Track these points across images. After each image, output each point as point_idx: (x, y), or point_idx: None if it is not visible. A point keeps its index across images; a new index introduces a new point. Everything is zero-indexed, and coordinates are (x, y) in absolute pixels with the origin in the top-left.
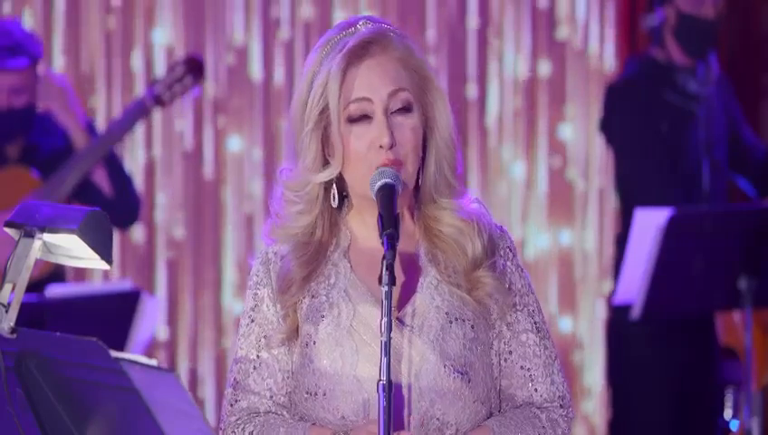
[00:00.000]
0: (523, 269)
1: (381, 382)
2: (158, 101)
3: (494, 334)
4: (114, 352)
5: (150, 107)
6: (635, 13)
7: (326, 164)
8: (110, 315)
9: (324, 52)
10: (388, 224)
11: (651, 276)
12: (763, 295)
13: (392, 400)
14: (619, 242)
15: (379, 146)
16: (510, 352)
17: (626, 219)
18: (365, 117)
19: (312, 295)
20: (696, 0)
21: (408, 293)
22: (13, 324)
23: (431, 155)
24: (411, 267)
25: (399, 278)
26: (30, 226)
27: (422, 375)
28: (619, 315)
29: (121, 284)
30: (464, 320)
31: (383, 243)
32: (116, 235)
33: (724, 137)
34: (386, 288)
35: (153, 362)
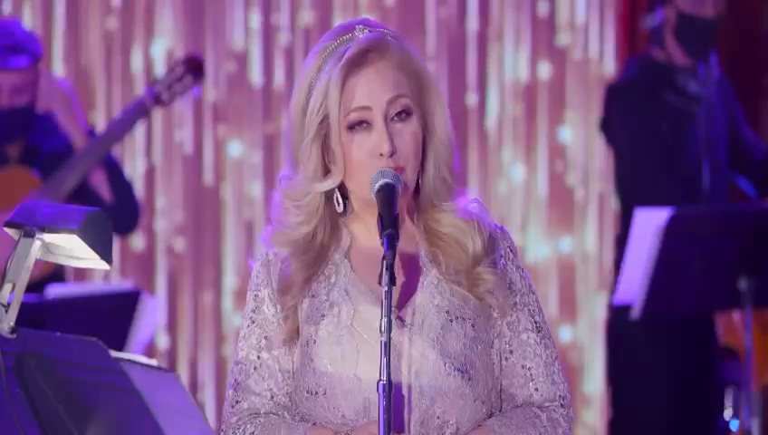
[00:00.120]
0: (524, 269)
1: (381, 382)
2: (157, 100)
3: (494, 334)
4: (114, 353)
5: (150, 107)
6: (635, 16)
7: (327, 172)
8: (110, 315)
9: (322, 59)
10: (389, 224)
11: (651, 276)
12: (763, 295)
13: (392, 399)
14: (619, 242)
15: (380, 154)
16: (510, 352)
17: (626, 220)
18: (365, 125)
19: (313, 295)
20: (696, 0)
21: (409, 292)
22: (13, 324)
23: (430, 158)
24: (412, 267)
25: (400, 278)
26: (30, 226)
27: (422, 374)
28: (619, 315)
29: (121, 284)
30: (464, 319)
31: (383, 243)
32: (116, 241)
33: (724, 137)
34: (386, 288)
35: (153, 362)
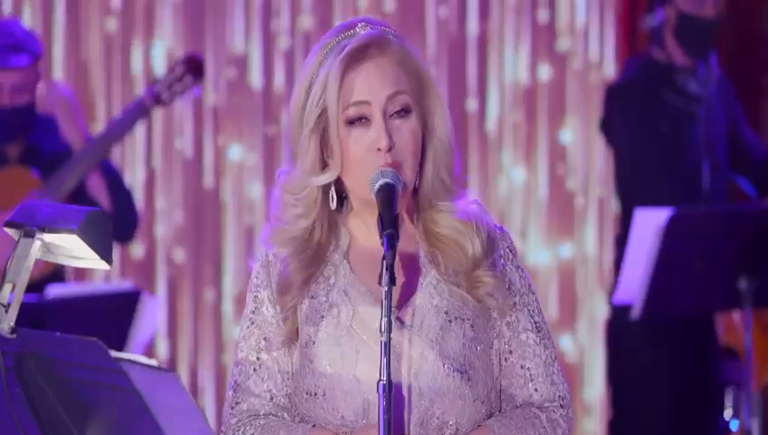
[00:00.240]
0: (524, 269)
1: (381, 382)
2: (157, 100)
3: (494, 334)
4: (114, 353)
5: (150, 106)
6: (635, 16)
7: (325, 167)
8: (110, 315)
9: (323, 54)
10: (389, 224)
11: (651, 276)
12: (763, 295)
13: (392, 400)
14: (619, 242)
15: (378, 149)
16: (510, 352)
17: (626, 220)
18: (364, 120)
19: (312, 296)
20: (696, 0)
21: (408, 293)
22: (13, 324)
23: (429, 159)
24: (411, 268)
25: (399, 278)
26: (30, 226)
27: (422, 375)
28: (619, 315)
29: (121, 284)
30: (463, 319)
31: (383, 243)
32: (115, 248)
33: (724, 137)
34: (386, 288)
35: (153, 362)
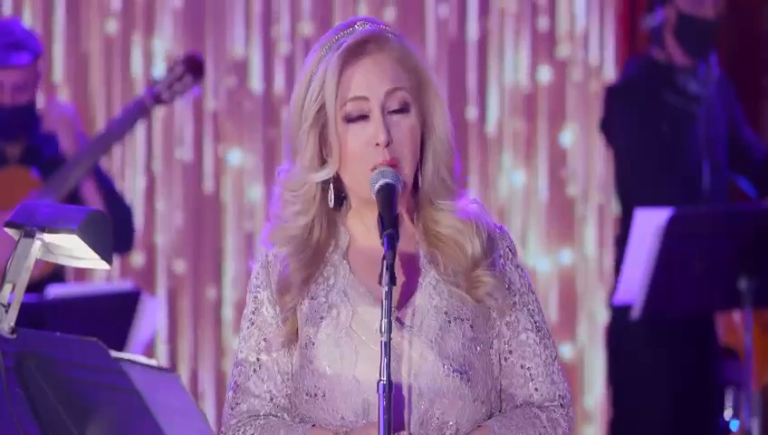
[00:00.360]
0: (524, 269)
1: (381, 383)
2: (158, 100)
3: (494, 334)
4: (114, 353)
5: (150, 106)
6: (635, 17)
7: (323, 163)
8: (110, 315)
9: (322, 51)
10: (389, 224)
11: (651, 277)
12: (763, 295)
13: (392, 400)
14: (619, 243)
15: (376, 144)
16: (510, 352)
17: (626, 220)
18: (362, 116)
19: (312, 297)
20: (696, 0)
21: (408, 293)
22: (13, 324)
23: (429, 157)
24: (411, 268)
25: (399, 278)
26: (30, 226)
27: (421, 375)
28: (619, 315)
29: (121, 284)
30: (463, 319)
31: (383, 243)
32: (114, 257)
33: (724, 137)
34: (386, 288)
35: (153, 362)
